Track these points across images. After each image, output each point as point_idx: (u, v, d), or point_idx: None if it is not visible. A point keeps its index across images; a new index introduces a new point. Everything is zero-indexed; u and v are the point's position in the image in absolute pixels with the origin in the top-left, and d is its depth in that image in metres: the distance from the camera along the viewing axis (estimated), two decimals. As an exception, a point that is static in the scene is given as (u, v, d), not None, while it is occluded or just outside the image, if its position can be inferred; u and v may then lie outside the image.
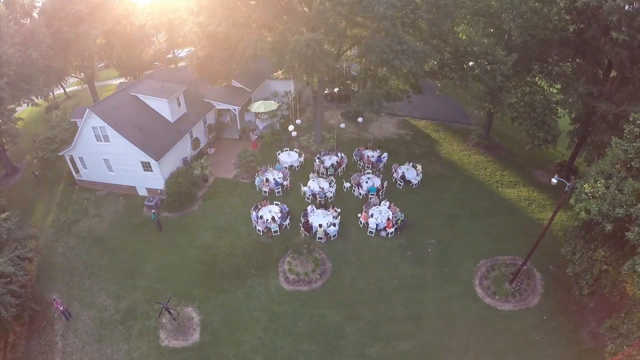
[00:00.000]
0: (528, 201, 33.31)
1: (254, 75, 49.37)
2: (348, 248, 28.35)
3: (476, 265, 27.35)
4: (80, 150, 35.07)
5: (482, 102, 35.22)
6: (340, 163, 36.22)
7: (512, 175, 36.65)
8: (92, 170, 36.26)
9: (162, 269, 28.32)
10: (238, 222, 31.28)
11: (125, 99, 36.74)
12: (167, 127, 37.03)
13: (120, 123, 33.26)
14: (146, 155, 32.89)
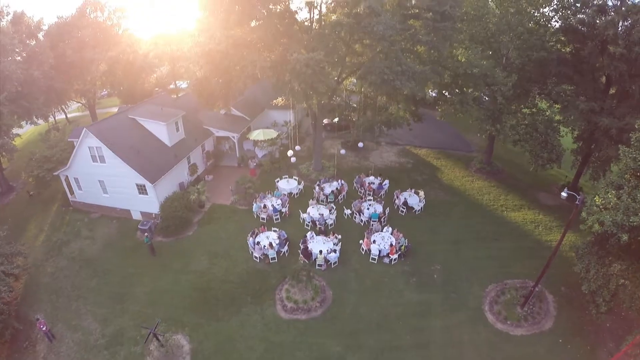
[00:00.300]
0: (534, 224, 32.52)
1: (253, 104, 49.33)
2: (349, 275, 26.92)
3: (485, 290, 25.99)
4: (76, 170, 34.49)
5: (483, 126, 34.93)
6: (340, 190, 35.27)
7: (517, 198, 36.16)
8: (86, 191, 35.56)
9: (153, 293, 26.76)
10: (234, 249, 29.97)
11: (124, 121, 36.24)
12: (165, 151, 36.29)
13: (116, 144, 32.70)
14: (141, 178, 32.14)
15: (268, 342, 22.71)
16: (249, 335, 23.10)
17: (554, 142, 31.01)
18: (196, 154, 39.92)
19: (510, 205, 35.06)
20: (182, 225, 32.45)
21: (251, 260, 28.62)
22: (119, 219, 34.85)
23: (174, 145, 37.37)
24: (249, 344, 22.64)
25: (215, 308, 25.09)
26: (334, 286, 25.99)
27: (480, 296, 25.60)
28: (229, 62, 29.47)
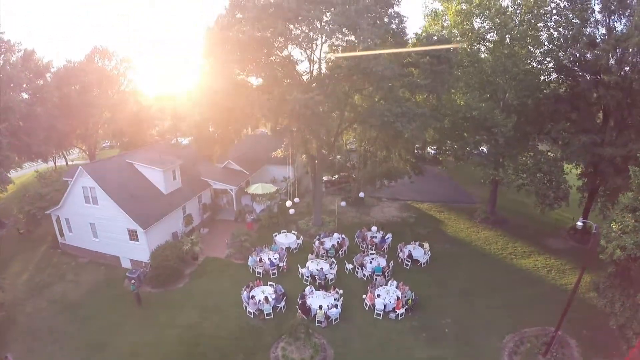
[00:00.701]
0: (546, 269, 31.23)
1: (253, 160, 48.66)
2: (352, 332, 24.29)
3: (502, 342, 23.57)
4: (68, 210, 33.51)
5: (486, 171, 34.17)
6: (341, 244, 33.31)
7: (525, 245, 35.00)
8: (76, 234, 34.26)
9: (136, 345, 23.98)
10: (227, 303, 27.49)
11: (120, 164, 35.49)
12: (159, 198, 34.88)
13: (111, 186, 31.71)
14: (133, 222, 30.57)
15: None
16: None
17: (559, 179, 30.52)
18: (192, 205, 38.35)
19: (520, 253, 33.91)
20: (172, 276, 30.17)
21: (245, 315, 26.06)
22: (108, 265, 32.96)
23: (170, 193, 36.06)
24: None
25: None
26: (336, 345, 23.29)
27: (497, 348, 23.19)
28: (230, 102, 28.97)
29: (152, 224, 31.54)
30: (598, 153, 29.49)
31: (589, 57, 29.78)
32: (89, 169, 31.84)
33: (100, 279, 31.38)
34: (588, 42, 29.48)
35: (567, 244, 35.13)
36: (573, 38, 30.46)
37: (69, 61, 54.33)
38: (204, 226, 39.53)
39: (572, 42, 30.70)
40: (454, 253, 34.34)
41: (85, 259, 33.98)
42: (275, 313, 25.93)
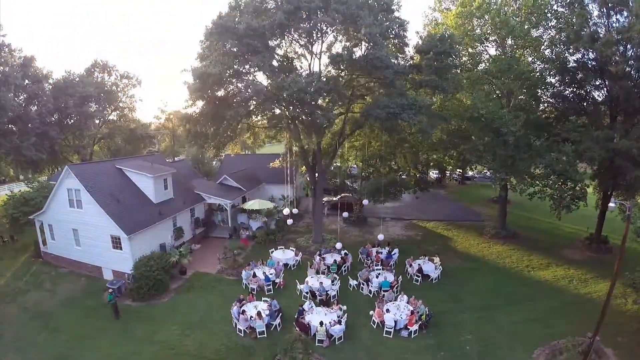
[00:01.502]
0: (567, 279, 28.57)
1: (251, 178, 45.84)
2: (360, 354, 20.33)
3: (532, 357, 19.92)
4: (51, 216, 31.01)
5: (498, 175, 31.47)
6: (344, 260, 29.66)
7: (541, 258, 32.39)
8: (59, 242, 31.35)
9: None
10: (214, 321, 23.66)
11: (109, 169, 32.51)
12: (148, 207, 31.66)
13: (96, 188, 28.88)
14: (117, 228, 27.35)
15: None
16: None
17: (575, 177, 28.09)
18: (184, 218, 34.94)
19: (536, 265, 31.14)
20: (156, 289, 26.40)
21: (234, 334, 22.17)
22: (89, 277, 29.61)
23: (160, 203, 32.82)
24: None
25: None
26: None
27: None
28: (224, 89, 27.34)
29: (137, 231, 28.27)
30: (613, 147, 27.42)
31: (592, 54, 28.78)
32: (75, 169, 29.36)
33: (79, 289, 28.06)
34: (590, 39, 27.89)
35: (584, 254, 32.83)
36: (575, 35, 28.68)
37: (68, 72, 52.61)
38: (196, 242, 35.91)
39: (574, 40, 28.92)
40: (467, 268, 31.04)
41: (66, 269, 30.87)
42: (269, 332, 22.07)
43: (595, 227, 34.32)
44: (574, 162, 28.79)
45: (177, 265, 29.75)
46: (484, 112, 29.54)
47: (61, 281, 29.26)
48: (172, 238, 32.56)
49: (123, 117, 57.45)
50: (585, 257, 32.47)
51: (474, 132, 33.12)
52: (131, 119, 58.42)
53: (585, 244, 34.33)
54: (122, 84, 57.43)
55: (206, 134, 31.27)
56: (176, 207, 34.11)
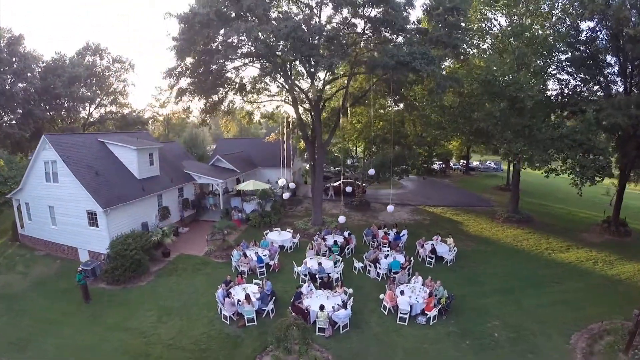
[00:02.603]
0: (591, 261, 25.19)
1: (246, 161, 41.63)
2: (369, 344, 16.22)
3: (569, 342, 16.16)
4: (28, 193, 27.66)
5: (513, 146, 27.63)
6: (347, 241, 25.59)
7: (559, 241, 28.91)
8: (35, 222, 27.87)
9: (67, 348, 16.39)
10: (198, 306, 19.62)
11: (90, 142, 28.65)
12: (130, 181, 27.62)
13: (74, 160, 25.27)
14: (93, 201, 23.40)
15: None
16: None
17: (599, 146, 24.91)
18: (171, 198, 30.89)
19: (556, 248, 27.63)
20: (133, 270, 22.41)
21: (218, 321, 18.11)
22: (65, 259, 26.00)
23: (144, 179, 28.77)
24: None
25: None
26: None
27: (566, 350, 15.78)
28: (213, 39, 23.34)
29: (114, 205, 24.31)
30: (636, 114, 24.40)
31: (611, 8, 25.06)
32: (52, 139, 25.77)
33: (52, 272, 24.53)
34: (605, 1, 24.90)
35: (603, 237, 29.70)
36: None
37: (58, 53, 48.56)
38: (184, 225, 31.77)
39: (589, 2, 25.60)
40: (482, 251, 27.19)
41: (42, 252, 27.42)
42: (260, 319, 17.98)
43: (612, 211, 31.60)
44: (595, 130, 25.57)
45: (161, 247, 25.71)
46: (499, 74, 26.54)
47: (35, 264, 25.76)
48: (157, 218, 28.49)
49: (115, 101, 53.37)
50: (605, 240, 29.22)
51: (488, 99, 29.47)
52: (123, 104, 54.33)
53: (604, 227, 31.16)
54: (114, 68, 53.31)
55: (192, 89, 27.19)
56: (162, 184, 30.05)
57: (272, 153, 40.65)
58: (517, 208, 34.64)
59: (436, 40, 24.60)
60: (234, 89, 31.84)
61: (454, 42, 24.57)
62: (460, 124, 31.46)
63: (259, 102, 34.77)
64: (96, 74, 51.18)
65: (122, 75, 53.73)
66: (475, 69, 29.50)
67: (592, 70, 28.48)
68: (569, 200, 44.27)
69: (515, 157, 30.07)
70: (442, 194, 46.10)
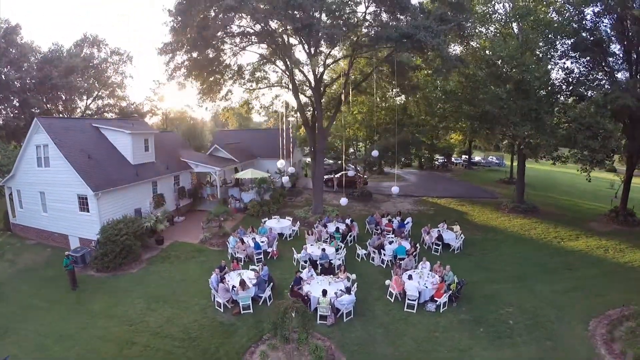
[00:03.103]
0: (602, 249, 23.69)
1: (245, 151, 40.07)
2: (376, 332, 14.62)
3: (588, 329, 14.70)
4: (20, 179, 26.28)
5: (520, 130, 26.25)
6: (350, 229, 24.00)
7: (568, 230, 27.30)
8: (27, 210, 26.46)
9: (50, 336, 14.92)
10: (189, 294, 18.01)
11: (84, 127, 27.37)
12: (124, 166, 26.15)
13: (66, 143, 23.88)
14: (84, 184, 21.92)
15: None
16: None
17: (607, 128, 23.74)
18: (166, 186, 29.33)
19: (565, 236, 26.07)
20: (124, 257, 20.89)
21: (211, 309, 16.55)
22: (55, 248, 24.44)
23: (139, 165, 27.27)
24: None
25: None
26: (351, 350, 13.61)
27: (586, 337, 14.31)
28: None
29: (106, 189, 22.82)
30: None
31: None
32: (44, 121, 24.39)
33: (42, 260, 23.04)
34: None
35: (611, 227, 28.21)
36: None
37: (55, 44, 47.04)
38: (180, 215, 30.19)
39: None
40: (490, 239, 25.64)
41: (33, 240, 25.97)
42: (256, 307, 16.44)
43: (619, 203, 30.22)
44: (604, 113, 24.14)
45: (154, 235, 24.14)
46: (504, 54, 25.30)
47: (25, 252, 24.24)
48: (151, 205, 26.90)
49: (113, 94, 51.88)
50: (614, 229, 27.73)
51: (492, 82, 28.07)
52: (121, 97, 52.82)
53: (611, 217, 29.77)
54: (112, 60, 51.80)
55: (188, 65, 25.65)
56: (157, 171, 28.50)
57: (271, 144, 39.18)
58: (523, 198, 33.13)
59: (440, 18, 23.02)
60: (233, 75, 30.40)
61: (459, 20, 23.05)
62: (464, 110, 30.03)
63: (258, 89, 33.25)
64: (94, 65, 49.66)
65: (120, 68, 52.29)
66: (479, 50, 28.06)
67: (596, 57, 27.03)
68: (573, 193, 42.92)
69: (522, 142, 28.54)
70: (445, 186, 44.37)
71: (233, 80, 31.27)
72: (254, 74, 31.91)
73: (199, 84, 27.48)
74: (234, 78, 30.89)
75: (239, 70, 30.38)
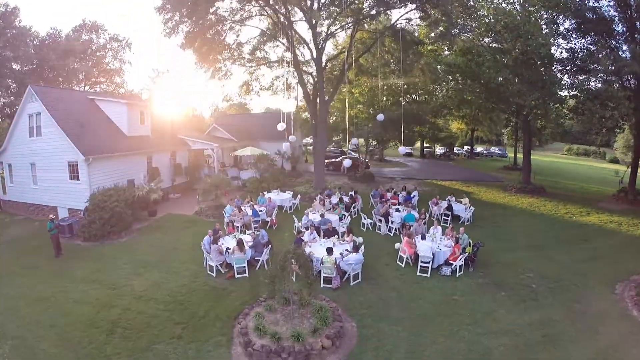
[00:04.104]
0: (615, 223, 21.79)
1: (243, 132, 38.07)
2: (388, 296, 12.55)
3: (615, 292, 13.03)
4: (11, 152, 24.97)
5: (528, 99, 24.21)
6: (354, 199, 21.95)
7: (578, 207, 25.39)
8: (17, 184, 25.07)
9: (23, 299, 13.08)
10: (180, 260, 16.00)
11: (79, 98, 26.28)
12: (118, 137, 24.53)
13: (59, 111, 22.18)
14: (74, 149, 20.27)
15: None
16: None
17: (615, 94, 22.29)
18: (161, 160, 27.46)
19: (576, 212, 24.15)
20: (112, 224, 18.81)
21: (203, 274, 14.49)
22: (43, 221, 21.82)
23: (134, 137, 25.27)
24: None
25: (102, 337, 10.55)
26: (360, 314, 11.54)
27: (614, 300, 12.51)
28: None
29: (97, 154, 21.02)
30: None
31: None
32: (38, 89, 23.08)
33: (26, 232, 21.27)
34: None
35: (621, 206, 26.40)
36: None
37: (53, 28, 45.26)
38: (176, 191, 28.21)
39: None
40: (499, 214, 23.69)
41: (22, 216, 24.47)
42: (252, 272, 14.38)
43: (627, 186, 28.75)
44: (611, 80, 22.99)
45: (147, 207, 22.16)
46: (508, 20, 23.72)
47: (12, 226, 22.62)
48: (145, 179, 24.85)
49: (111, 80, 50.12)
50: (624, 208, 25.83)
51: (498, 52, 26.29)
52: (119, 84, 51.03)
53: (620, 197, 28.27)
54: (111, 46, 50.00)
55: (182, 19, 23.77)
56: (153, 144, 26.57)
57: (271, 126, 37.07)
58: (530, 179, 31.30)
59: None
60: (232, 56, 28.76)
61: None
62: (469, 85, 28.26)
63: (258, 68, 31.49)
64: (92, 51, 47.98)
65: (119, 54, 50.51)
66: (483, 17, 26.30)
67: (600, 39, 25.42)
68: (578, 179, 41.19)
69: (530, 113, 26.76)
70: (449, 171, 42.29)
71: (232, 60, 29.60)
72: (254, 53, 30.21)
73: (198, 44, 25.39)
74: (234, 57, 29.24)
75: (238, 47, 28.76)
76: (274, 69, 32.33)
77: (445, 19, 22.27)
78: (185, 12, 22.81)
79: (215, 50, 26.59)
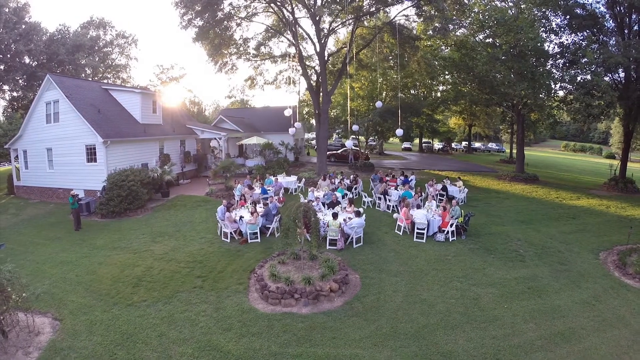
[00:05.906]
0: (604, 206, 22.48)
1: (248, 124, 39.15)
2: (387, 256, 13.59)
3: (598, 258, 13.83)
4: (27, 138, 25.75)
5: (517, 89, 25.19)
6: (355, 181, 23.00)
7: (569, 194, 25.97)
8: (32, 170, 25.82)
9: (48, 263, 13.95)
10: (195, 231, 17.04)
11: (94, 87, 27.13)
12: (133, 123, 25.66)
13: (77, 98, 23.14)
14: (93, 132, 21.26)
15: (219, 352, 8.57)
16: (176, 336, 9.12)
17: (601, 84, 22.78)
18: (172, 147, 28.49)
19: (567, 198, 24.65)
20: (129, 202, 19.93)
21: (218, 241, 15.47)
22: (58, 204, 23.83)
23: (146, 124, 26.33)
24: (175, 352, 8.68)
25: (129, 289, 11.54)
26: (363, 269, 12.53)
27: (597, 264, 13.28)
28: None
29: (115, 138, 22.06)
30: (636, 57, 22.31)
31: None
32: (56, 78, 24.13)
33: (44, 212, 22.19)
34: None
35: (611, 193, 27.28)
36: None
37: (62, 24, 46.25)
38: (185, 178, 29.26)
39: None
40: (494, 197, 24.47)
41: (36, 199, 25.37)
42: (264, 238, 15.44)
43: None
44: (598, 71, 23.47)
45: (160, 189, 23.21)
46: (498, 16, 24.63)
47: (29, 207, 23.47)
48: (157, 164, 25.90)
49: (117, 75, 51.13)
50: (614, 195, 26.63)
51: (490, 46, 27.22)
52: (125, 80, 52.07)
53: (611, 185, 28.93)
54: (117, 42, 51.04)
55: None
56: (164, 132, 27.63)
57: (275, 120, 38.39)
58: (523, 168, 32.20)
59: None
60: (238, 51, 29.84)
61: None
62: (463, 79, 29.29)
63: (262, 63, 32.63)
64: (99, 47, 48.95)
65: (125, 50, 51.56)
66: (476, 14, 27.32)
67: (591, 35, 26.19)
68: (572, 171, 42.15)
69: (520, 103, 27.70)
70: (446, 163, 43.19)
71: (238, 55, 30.69)
72: (259, 48, 31.29)
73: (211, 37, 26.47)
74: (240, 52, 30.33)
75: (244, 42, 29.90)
76: (278, 63, 33.56)
77: (439, 15, 23.25)
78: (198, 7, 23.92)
79: (223, 45, 27.64)
